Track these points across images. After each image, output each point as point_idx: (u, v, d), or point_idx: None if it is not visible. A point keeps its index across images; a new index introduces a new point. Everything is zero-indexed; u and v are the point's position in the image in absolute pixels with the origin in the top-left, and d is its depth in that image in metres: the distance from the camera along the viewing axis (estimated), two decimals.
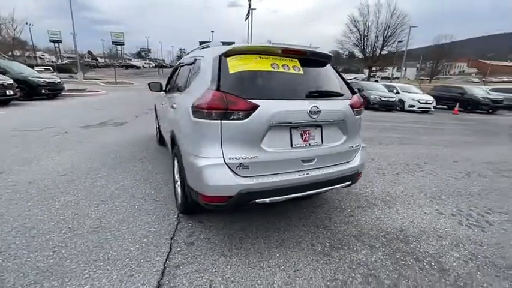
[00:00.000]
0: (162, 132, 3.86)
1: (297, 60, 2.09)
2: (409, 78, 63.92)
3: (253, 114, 1.75)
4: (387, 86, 15.02)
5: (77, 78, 20.46)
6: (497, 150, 5.80)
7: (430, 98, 13.82)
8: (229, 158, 1.76)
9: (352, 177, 2.26)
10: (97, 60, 67.83)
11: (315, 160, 2.02)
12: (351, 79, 23.77)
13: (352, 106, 2.19)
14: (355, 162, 2.28)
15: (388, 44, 39.94)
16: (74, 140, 4.92)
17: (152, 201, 2.75)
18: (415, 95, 14.04)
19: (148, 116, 7.83)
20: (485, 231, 2.48)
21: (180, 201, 2.45)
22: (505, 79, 63.78)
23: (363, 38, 41.99)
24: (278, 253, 2.03)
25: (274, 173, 1.88)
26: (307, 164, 1.99)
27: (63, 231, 2.17)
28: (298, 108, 1.89)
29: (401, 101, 13.72)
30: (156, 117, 4.81)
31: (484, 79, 65.55)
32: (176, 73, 3.27)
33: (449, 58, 64.17)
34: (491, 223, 2.62)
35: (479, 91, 15.26)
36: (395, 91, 14.36)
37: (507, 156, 5.25)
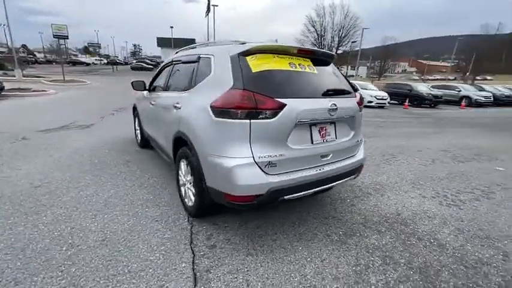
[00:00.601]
0: (150, 134, 3.63)
1: (309, 59, 2.17)
2: (361, 76, 69.36)
3: (280, 113, 1.78)
4: None
5: (14, 76, 17.90)
6: (448, 139, 6.67)
7: (385, 94, 15.18)
8: (259, 157, 1.77)
9: (358, 169, 2.43)
10: (34, 55, 60.02)
11: (331, 155, 2.13)
12: None
13: (358, 103, 2.35)
14: (360, 155, 2.46)
15: (343, 44, 42.70)
16: (37, 146, 4.35)
17: (155, 207, 2.61)
18: (372, 91, 15.28)
19: (115, 117, 7.28)
20: (461, 208, 2.88)
21: (190, 204, 2.37)
22: (438, 77, 73.02)
23: (320, 38, 44.18)
24: (300, 246, 2.10)
25: (298, 169, 1.94)
26: (324, 159, 2.09)
27: (64, 248, 1.95)
28: (320, 106, 1.97)
29: (361, 98, 14.83)
30: (137, 119, 4.50)
31: (422, 77, 74.27)
32: (169, 72, 3.10)
33: (393, 58, 71.12)
34: (463, 202, 3.05)
35: (424, 88, 17.26)
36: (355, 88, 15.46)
37: (456, 144, 6.08)
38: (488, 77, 65.77)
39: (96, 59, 59.03)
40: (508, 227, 2.54)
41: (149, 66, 42.10)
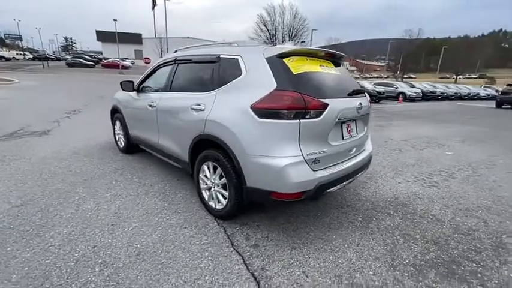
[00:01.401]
0: (145, 137, 3.38)
1: (330, 62, 2.33)
2: None
3: (324, 113, 1.90)
4: None
5: None
6: (402, 130, 7.68)
7: None
8: (307, 155, 1.87)
9: (370, 161, 2.71)
10: None
11: (354, 149, 2.34)
12: None
13: (369, 102, 2.62)
14: (369, 148, 2.74)
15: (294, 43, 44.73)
16: None
17: (175, 214, 2.49)
18: None
19: (73, 121, 6.48)
20: (439, 188, 3.43)
21: (219, 206, 2.34)
22: (375, 75, 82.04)
23: (272, 37, 45.57)
24: (333, 235, 2.27)
25: (335, 164, 2.10)
26: (350, 153, 2.29)
27: (97, 269, 1.76)
28: (351, 105, 2.15)
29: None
30: (118, 122, 4.12)
31: (361, 75, 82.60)
32: (171, 71, 2.93)
33: None
34: (438, 182, 3.63)
35: (369, 85, 19.31)
36: None
37: (410, 134, 7.05)
38: (412, 76, 76.59)
39: (18, 53, 50.46)
40: (476, 199, 3.13)
41: (89, 63, 37.71)
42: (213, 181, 2.37)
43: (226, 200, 2.25)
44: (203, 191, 2.53)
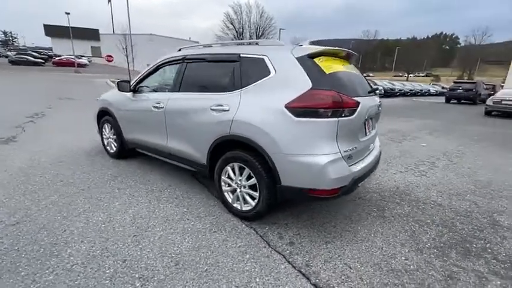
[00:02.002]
0: (149, 141, 3.18)
1: (347, 61, 2.44)
2: None
3: (357, 111, 1.99)
4: None
5: None
6: (378, 125, 8.26)
7: None
8: (344, 151, 1.94)
9: (380, 155, 2.89)
10: None
11: (372, 145, 2.49)
12: None
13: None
14: (378, 142, 2.92)
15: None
16: None
17: (199, 219, 2.40)
18: None
19: (40, 125, 5.83)
20: (428, 176, 3.78)
21: (246, 208, 2.32)
22: None
23: (240, 36, 45.54)
24: (357, 226, 2.39)
25: (362, 159, 2.20)
26: (369, 148, 2.43)
27: (138, 285, 1.64)
28: (374, 103, 2.28)
29: None
30: (108, 125, 3.81)
31: None
32: (180, 71, 2.79)
33: None
34: (425, 171, 3.99)
35: None
36: None
37: (385, 128, 7.60)
38: (370, 74, 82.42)
39: None
40: (461, 184, 3.52)
41: (38, 60, 33.88)
42: (238, 182, 2.33)
43: (256, 201, 2.23)
44: (225, 193, 2.47)
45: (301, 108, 1.91)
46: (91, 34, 47.56)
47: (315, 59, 2.04)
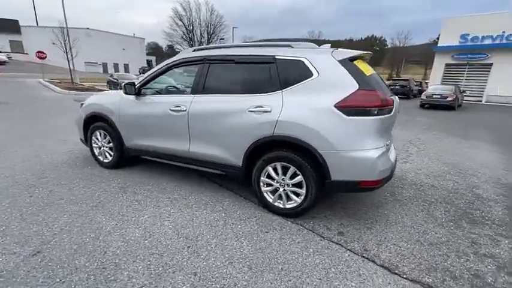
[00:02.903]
0: (162, 146, 2.96)
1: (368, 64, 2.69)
2: None
3: (394, 109, 2.22)
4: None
5: None
6: None
7: None
8: (386, 145, 2.16)
9: None
10: None
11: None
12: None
13: None
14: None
15: (213, 40, 44.39)
16: None
17: (243, 222, 2.38)
18: None
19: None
20: (410, 163, 4.36)
21: (290, 205, 2.39)
22: None
23: (190, 33, 44.03)
24: (384, 211, 2.67)
25: (391, 152, 2.47)
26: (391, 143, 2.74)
27: None
28: (397, 101, 2.55)
29: None
30: (101, 133, 3.41)
31: None
32: (201, 72, 2.66)
33: None
34: (406, 159, 4.59)
35: None
36: None
37: None
38: None
39: None
40: (437, 167, 4.16)
41: None
42: (281, 182, 2.39)
43: (302, 197, 2.32)
44: (265, 194, 2.50)
45: (351, 108, 2.06)
46: (9, 26, 40.23)
47: (355, 62, 2.21)
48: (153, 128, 2.97)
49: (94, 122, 3.45)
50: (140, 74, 31.17)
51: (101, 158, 3.56)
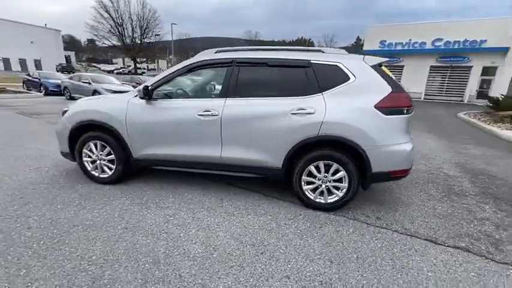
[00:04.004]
0: (184, 154, 2.75)
1: None
2: (162, 70, 70.85)
3: (413, 108, 2.61)
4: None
5: None
6: None
7: None
8: (411, 139, 2.54)
9: None
10: None
11: None
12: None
13: None
14: None
15: (147, 36, 41.04)
16: None
17: (292, 221, 2.46)
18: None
19: None
20: None
21: (332, 199, 2.58)
22: None
23: (119, 27, 39.75)
24: (402, 197, 3.11)
25: None
26: None
27: None
28: None
29: None
30: (110, 144, 2.92)
31: None
32: (231, 75, 2.57)
33: (189, 52, 78.44)
34: None
35: None
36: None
37: None
38: None
39: None
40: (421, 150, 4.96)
41: None
42: (324, 178, 2.55)
43: (344, 191, 2.53)
44: (306, 192, 2.62)
45: (388, 108, 2.36)
46: None
47: (382, 67, 2.52)
48: (175, 135, 2.74)
49: (86, 131, 2.94)
50: (58, 71, 26.58)
51: (95, 172, 3.06)
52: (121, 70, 51.70)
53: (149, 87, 2.71)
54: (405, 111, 2.43)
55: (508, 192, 3.31)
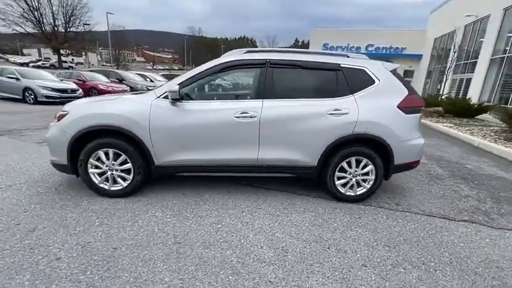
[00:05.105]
0: (210, 159, 2.62)
1: None
2: (92, 64, 62.68)
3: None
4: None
5: None
6: None
7: None
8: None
9: None
10: None
11: None
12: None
13: None
14: None
15: (74, 24, 35.75)
16: None
17: (334, 215, 2.62)
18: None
19: None
20: None
21: (361, 191, 2.83)
22: (167, 67, 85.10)
23: (35, 11, 33.64)
24: (411, 184, 3.58)
25: None
26: None
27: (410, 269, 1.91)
28: None
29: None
30: (127, 151, 2.56)
31: (154, 67, 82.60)
32: (266, 76, 2.54)
33: (124, 46, 71.41)
34: None
35: None
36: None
37: None
38: None
39: None
40: None
41: None
42: (354, 173, 2.78)
43: (372, 183, 2.81)
44: (338, 187, 2.82)
45: (408, 108, 2.71)
46: None
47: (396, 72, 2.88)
48: (210, 139, 2.59)
49: (93, 139, 2.53)
50: None
51: (104, 185, 2.66)
52: (39, 63, 43.66)
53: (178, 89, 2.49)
54: (419, 110, 2.84)
55: (469, 173, 4.15)
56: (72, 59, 48.43)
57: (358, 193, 2.85)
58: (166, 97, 2.56)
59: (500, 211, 2.88)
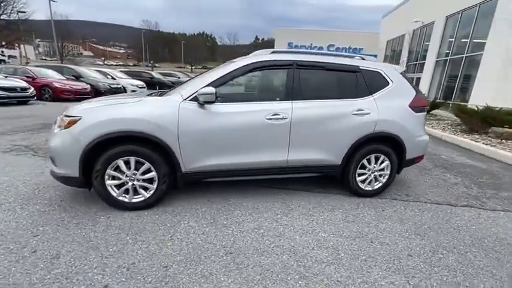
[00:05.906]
0: (241, 163, 2.54)
1: None
2: (29, 58, 55.00)
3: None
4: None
5: None
6: None
7: (140, 83, 15.60)
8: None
9: None
10: None
11: None
12: None
13: None
14: None
15: (6, 12, 30.96)
16: None
17: (358, 210, 2.76)
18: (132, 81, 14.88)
19: None
20: None
21: (378, 186, 3.03)
22: (121, 63, 78.75)
23: None
24: (415, 176, 3.89)
25: None
26: None
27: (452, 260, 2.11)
28: None
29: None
30: (152, 160, 2.33)
31: (105, 62, 75.86)
32: (293, 77, 2.53)
33: (69, 38, 64.09)
34: None
35: (161, 76, 19.77)
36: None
37: None
38: (156, 64, 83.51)
39: None
40: None
41: None
42: (372, 169, 2.95)
43: (387, 177, 3.02)
44: (359, 183, 2.97)
45: (417, 107, 2.97)
46: None
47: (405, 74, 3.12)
48: (242, 142, 2.51)
49: (110, 147, 2.26)
50: None
51: (123, 198, 2.40)
52: None
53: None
54: (425, 109, 3.13)
55: (446, 163, 4.70)
56: (2, 51, 41.73)
57: (375, 187, 3.04)
58: (193, 99, 2.40)
59: (486, 195, 3.34)
